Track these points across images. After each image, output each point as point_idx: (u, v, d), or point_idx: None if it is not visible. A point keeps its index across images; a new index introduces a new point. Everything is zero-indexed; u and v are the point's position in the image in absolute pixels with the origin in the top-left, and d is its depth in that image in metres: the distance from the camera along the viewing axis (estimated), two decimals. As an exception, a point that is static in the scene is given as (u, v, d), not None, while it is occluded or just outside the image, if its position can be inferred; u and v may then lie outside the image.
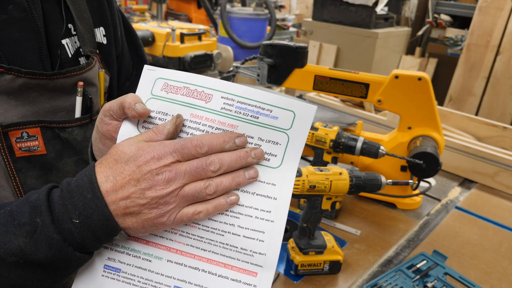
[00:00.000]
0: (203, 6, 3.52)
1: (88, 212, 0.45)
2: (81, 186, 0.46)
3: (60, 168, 0.63)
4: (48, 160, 0.61)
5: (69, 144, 0.63)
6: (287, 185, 0.54)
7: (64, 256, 0.45)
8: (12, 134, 0.57)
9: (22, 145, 0.58)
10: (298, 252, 0.94)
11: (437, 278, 0.92)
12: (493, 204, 1.31)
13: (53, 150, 0.62)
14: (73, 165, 0.65)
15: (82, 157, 0.66)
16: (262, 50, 1.23)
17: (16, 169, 0.58)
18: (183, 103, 0.53)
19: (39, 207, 0.45)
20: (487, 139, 1.60)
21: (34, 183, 0.60)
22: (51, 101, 0.61)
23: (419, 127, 1.16)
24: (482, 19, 2.94)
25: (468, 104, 3.05)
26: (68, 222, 0.45)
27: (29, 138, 0.59)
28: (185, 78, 0.54)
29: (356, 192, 0.93)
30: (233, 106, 0.53)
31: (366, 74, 1.18)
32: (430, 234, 1.13)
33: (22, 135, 0.58)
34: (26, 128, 0.58)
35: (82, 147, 0.65)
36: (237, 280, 0.53)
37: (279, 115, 0.54)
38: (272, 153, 0.55)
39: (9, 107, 0.57)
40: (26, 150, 0.58)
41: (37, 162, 0.60)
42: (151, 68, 0.56)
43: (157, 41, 2.51)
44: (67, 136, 0.63)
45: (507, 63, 2.85)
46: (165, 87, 0.54)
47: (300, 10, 5.46)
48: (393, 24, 3.45)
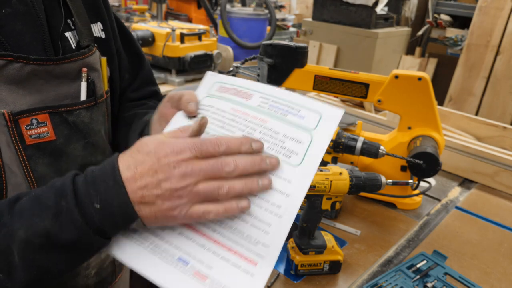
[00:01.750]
0: (203, 6, 3.52)
1: (109, 198, 0.47)
2: (104, 173, 0.48)
3: (69, 153, 0.65)
4: (58, 146, 0.63)
5: (76, 128, 0.65)
6: (302, 184, 0.55)
7: (86, 239, 0.48)
8: (22, 121, 0.59)
9: (32, 132, 0.60)
10: (298, 252, 0.94)
11: (437, 278, 0.92)
12: (493, 204, 1.31)
13: (61, 135, 0.64)
14: (81, 150, 0.67)
15: (89, 140, 0.68)
16: (262, 50, 1.23)
17: (27, 156, 0.60)
18: (229, 100, 0.63)
19: (64, 191, 0.48)
20: (487, 139, 1.60)
21: (45, 170, 0.62)
22: (56, 88, 0.63)
23: (419, 127, 1.16)
24: (482, 19, 2.94)
25: (468, 104, 3.05)
26: (90, 206, 0.47)
27: (39, 124, 0.60)
28: (237, 82, 0.65)
29: (356, 192, 0.93)
30: (267, 104, 0.61)
31: (366, 74, 1.18)
32: (430, 234, 1.13)
33: (32, 122, 0.60)
34: (35, 115, 0.60)
35: (89, 129, 0.68)
36: (237, 265, 0.55)
37: (306, 115, 0.59)
38: (294, 150, 0.57)
39: (18, 96, 0.59)
40: (36, 137, 0.60)
41: (46, 148, 0.62)
42: (213, 74, 0.69)
43: (157, 41, 2.51)
44: (75, 119, 0.65)
45: (507, 63, 2.85)
46: (220, 88, 0.65)
47: (300, 10, 5.46)
48: (393, 24, 3.45)
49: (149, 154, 0.49)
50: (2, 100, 0.58)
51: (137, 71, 0.95)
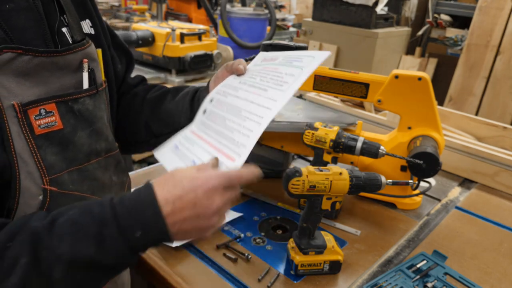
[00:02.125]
0: (203, 6, 3.52)
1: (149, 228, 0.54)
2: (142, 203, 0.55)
3: (75, 142, 0.68)
4: (65, 135, 0.66)
5: (82, 116, 0.68)
6: (282, 100, 0.78)
7: (126, 261, 0.55)
8: (31, 112, 0.61)
9: (41, 122, 0.63)
10: (298, 252, 0.94)
11: (437, 278, 0.92)
12: (493, 204, 1.31)
13: (68, 124, 0.66)
14: (87, 138, 0.70)
15: (93, 128, 0.71)
16: (262, 50, 1.22)
17: (37, 146, 0.62)
18: (263, 64, 0.94)
19: (105, 219, 0.53)
20: (487, 139, 1.60)
21: (54, 159, 0.65)
22: (60, 80, 0.66)
23: (419, 127, 1.16)
24: (482, 19, 2.94)
25: (468, 104, 3.05)
26: (131, 234, 0.53)
27: (47, 114, 0.63)
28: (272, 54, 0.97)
29: (356, 192, 0.93)
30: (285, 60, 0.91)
31: (366, 74, 1.18)
32: (430, 234, 1.12)
33: (40, 111, 0.62)
34: (43, 105, 0.63)
35: (93, 117, 0.71)
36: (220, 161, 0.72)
37: (304, 59, 0.87)
38: (286, 81, 0.83)
39: (25, 88, 0.61)
40: (45, 127, 0.63)
41: (55, 138, 0.65)
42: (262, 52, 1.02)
43: (157, 41, 2.51)
44: (80, 107, 0.68)
45: (507, 63, 2.85)
46: (262, 59, 0.97)
47: (300, 10, 5.46)
48: (393, 24, 3.45)
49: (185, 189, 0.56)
50: (11, 92, 0.60)
51: (127, 63, 1.02)
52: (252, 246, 1.03)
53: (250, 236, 1.07)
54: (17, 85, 0.60)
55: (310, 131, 1.11)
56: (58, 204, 0.64)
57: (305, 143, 1.13)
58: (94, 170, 0.71)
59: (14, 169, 0.60)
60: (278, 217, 1.16)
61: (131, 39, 2.40)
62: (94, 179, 0.71)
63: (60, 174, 0.65)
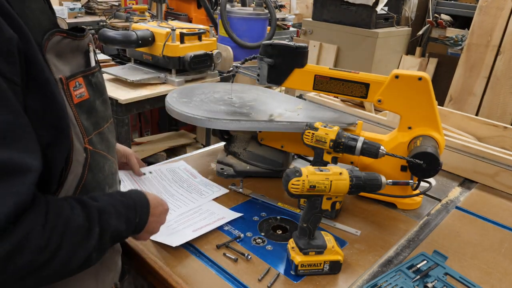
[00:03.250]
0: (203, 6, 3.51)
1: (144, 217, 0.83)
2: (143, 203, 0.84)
3: (96, 108, 0.81)
4: (90, 103, 0.79)
5: (96, 87, 0.82)
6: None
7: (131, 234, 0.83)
8: (71, 84, 0.73)
9: (77, 93, 0.75)
10: (298, 252, 0.93)
11: (437, 278, 0.92)
12: (494, 204, 1.31)
13: (91, 94, 0.79)
14: (101, 105, 0.83)
15: (103, 97, 0.85)
16: (262, 50, 1.22)
17: (77, 112, 0.74)
18: None
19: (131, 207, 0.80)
20: (487, 139, 1.60)
21: (86, 124, 0.76)
22: (76, 59, 0.78)
23: (419, 127, 1.16)
24: (482, 18, 2.94)
25: (468, 104, 3.04)
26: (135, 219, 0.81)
27: (79, 86, 0.76)
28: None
29: (356, 192, 0.92)
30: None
31: (366, 74, 1.18)
32: (430, 234, 1.12)
33: (76, 84, 0.75)
34: (76, 78, 0.75)
35: (103, 88, 0.85)
36: None
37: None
38: None
39: (61, 65, 0.73)
40: (79, 97, 0.75)
41: (84, 106, 0.77)
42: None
43: (157, 41, 2.50)
44: (95, 80, 0.81)
45: (507, 63, 2.85)
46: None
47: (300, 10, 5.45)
48: (393, 24, 3.45)
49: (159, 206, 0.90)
50: (57, 68, 0.71)
51: None
52: (252, 246, 1.03)
53: (250, 236, 1.07)
54: (58, 63, 0.71)
55: (310, 131, 1.11)
56: (94, 160, 0.78)
57: (305, 143, 1.13)
58: (107, 133, 0.85)
59: (69, 131, 0.71)
60: (278, 217, 1.16)
61: (131, 39, 2.40)
62: (107, 140, 0.85)
63: (91, 136, 0.78)
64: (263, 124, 1.23)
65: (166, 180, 1.31)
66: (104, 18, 3.93)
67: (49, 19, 0.70)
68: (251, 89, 1.56)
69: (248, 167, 1.36)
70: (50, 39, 0.69)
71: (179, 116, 1.24)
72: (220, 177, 1.37)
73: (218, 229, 1.08)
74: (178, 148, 3.28)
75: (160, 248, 1.01)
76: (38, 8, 0.69)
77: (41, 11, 0.69)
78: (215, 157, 1.47)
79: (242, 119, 1.21)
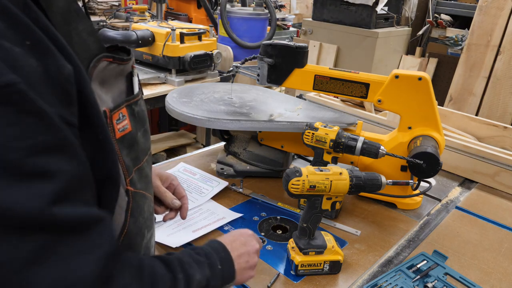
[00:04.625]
0: (203, 6, 3.52)
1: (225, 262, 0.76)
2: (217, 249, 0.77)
3: (138, 141, 0.71)
4: (132, 136, 0.69)
5: (139, 117, 0.72)
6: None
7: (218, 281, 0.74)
8: (114, 117, 0.63)
9: (119, 126, 0.65)
10: (298, 252, 0.93)
11: (437, 278, 0.92)
12: (494, 204, 1.31)
13: (133, 125, 0.69)
14: (142, 137, 0.73)
15: (145, 127, 0.75)
16: (262, 50, 1.22)
17: (119, 149, 0.65)
18: None
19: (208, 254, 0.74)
20: (487, 139, 1.60)
21: (127, 160, 0.67)
22: (117, 86, 0.68)
23: (419, 127, 1.16)
24: (482, 18, 2.94)
25: (468, 104, 3.04)
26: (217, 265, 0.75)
27: (123, 118, 0.66)
28: None
29: (356, 192, 0.92)
30: None
31: (366, 74, 1.18)
32: (430, 234, 1.12)
33: (119, 116, 0.65)
34: (120, 109, 0.65)
35: (145, 117, 0.75)
36: None
37: None
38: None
39: (104, 95, 0.63)
40: (122, 131, 0.65)
41: (126, 140, 0.67)
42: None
43: (157, 41, 2.50)
44: (138, 109, 0.71)
45: (507, 62, 2.85)
46: None
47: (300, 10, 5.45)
48: (393, 24, 3.45)
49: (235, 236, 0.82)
50: (101, 98, 0.61)
51: None
52: (252, 246, 1.03)
53: (250, 236, 1.07)
54: (101, 92, 0.62)
55: (310, 131, 1.11)
56: (135, 203, 0.69)
57: (305, 143, 1.13)
58: (145, 168, 0.75)
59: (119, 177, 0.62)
60: (278, 217, 1.16)
61: (131, 39, 2.40)
62: (146, 176, 0.75)
63: (132, 174, 0.68)
64: (263, 124, 1.23)
65: None
66: (104, 18, 3.93)
67: (97, 42, 0.60)
68: (251, 89, 1.56)
69: (248, 167, 1.36)
70: (96, 66, 0.59)
71: (179, 116, 1.24)
72: (220, 177, 1.37)
73: (218, 229, 1.08)
74: (178, 148, 3.28)
75: (160, 249, 1.01)
76: (86, 29, 0.59)
77: (88, 33, 0.59)
78: (215, 157, 1.47)
79: (242, 119, 1.21)
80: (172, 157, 1.60)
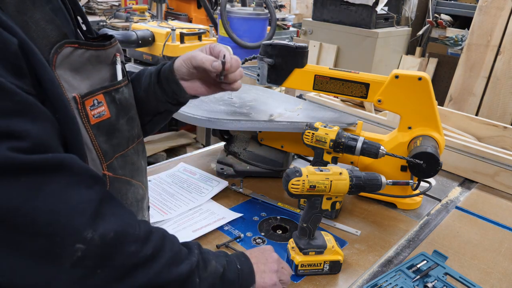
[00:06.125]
0: (203, 6, 3.51)
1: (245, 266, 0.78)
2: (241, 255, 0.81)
3: (119, 129, 0.73)
4: (112, 123, 0.71)
5: (121, 105, 0.74)
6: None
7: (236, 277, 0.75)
8: (87, 102, 0.66)
9: (95, 112, 0.67)
10: (298, 252, 0.93)
11: (437, 278, 0.92)
12: (494, 204, 1.31)
13: (113, 112, 0.71)
14: (126, 125, 0.75)
15: (130, 115, 0.77)
16: (262, 50, 1.22)
17: (94, 135, 0.68)
18: None
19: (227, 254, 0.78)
20: (487, 139, 1.60)
21: (106, 146, 0.70)
22: (99, 73, 0.71)
23: (419, 127, 1.16)
24: (482, 19, 2.94)
25: (468, 104, 3.04)
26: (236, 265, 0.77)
27: (98, 104, 0.68)
28: None
29: (356, 192, 0.92)
30: None
31: (366, 74, 1.18)
32: (431, 234, 1.12)
33: (94, 102, 0.67)
34: (95, 96, 0.68)
35: (129, 105, 0.77)
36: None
37: None
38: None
39: (78, 81, 0.66)
40: (97, 117, 0.68)
41: (104, 126, 0.70)
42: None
43: (157, 41, 2.51)
44: (120, 96, 0.73)
45: (507, 63, 2.85)
46: None
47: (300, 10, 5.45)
48: (393, 24, 3.45)
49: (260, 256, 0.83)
50: (71, 85, 0.64)
51: None
52: (252, 246, 1.03)
53: (250, 236, 1.07)
54: (73, 79, 0.65)
55: (310, 131, 1.11)
56: (114, 188, 0.71)
57: (305, 143, 1.13)
58: (131, 155, 0.77)
59: (85, 156, 0.65)
60: (278, 217, 1.16)
61: (131, 39, 2.40)
62: (132, 163, 0.77)
63: (111, 160, 0.71)
64: (263, 124, 1.23)
65: (166, 184, 1.31)
66: (104, 18, 3.93)
67: (57, 30, 0.62)
68: (251, 89, 1.56)
69: (248, 167, 1.36)
70: (58, 52, 0.61)
71: (179, 116, 1.24)
72: (220, 177, 1.37)
73: (218, 229, 1.08)
74: (178, 148, 3.28)
75: (160, 248, 1.01)
76: (43, 18, 0.61)
77: (46, 21, 0.61)
78: (215, 157, 1.47)
79: (242, 119, 1.21)
80: (172, 157, 1.60)
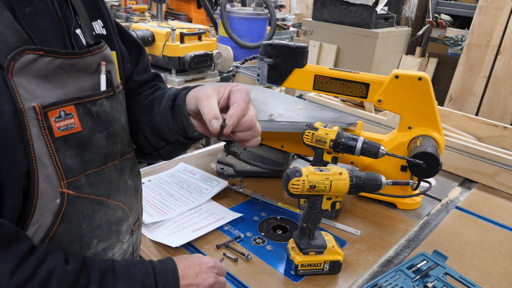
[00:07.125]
0: (203, 6, 3.52)
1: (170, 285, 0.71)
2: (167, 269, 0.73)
3: (93, 144, 0.68)
4: (84, 137, 0.66)
5: (99, 118, 0.69)
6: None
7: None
8: (51, 114, 0.61)
9: (60, 124, 0.62)
10: (298, 252, 0.93)
11: (437, 278, 0.92)
12: (493, 204, 1.31)
13: (86, 126, 0.66)
14: (104, 140, 0.70)
15: (110, 130, 0.71)
16: (262, 50, 1.22)
17: (56, 148, 0.62)
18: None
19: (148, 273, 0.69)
20: (487, 139, 1.60)
21: (72, 162, 0.65)
22: (77, 82, 0.66)
23: (419, 127, 1.16)
24: (482, 18, 2.94)
25: (468, 104, 3.04)
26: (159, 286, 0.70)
27: (66, 116, 0.63)
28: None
29: (356, 192, 0.92)
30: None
31: (366, 74, 1.18)
32: (430, 234, 1.12)
33: (60, 114, 0.62)
34: (62, 107, 0.63)
35: (110, 118, 0.71)
36: None
37: None
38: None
39: (45, 90, 0.61)
40: (64, 129, 0.63)
41: (73, 140, 0.64)
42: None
43: (157, 41, 2.51)
44: (98, 109, 0.68)
45: (507, 63, 2.85)
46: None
47: (300, 10, 5.46)
48: (393, 24, 3.45)
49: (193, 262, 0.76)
50: (32, 94, 0.59)
51: (138, 56, 0.98)
52: (252, 246, 1.03)
53: (250, 236, 1.07)
54: (37, 87, 0.60)
55: (310, 131, 1.11)
56: (74, 208, 0.65)
57: (305, 143, 1.13)
58: (110, 173, 0.72)
59: (33, 172, 0.60)
60: (278, 217, 1.16)
61: (131, 39, 2.40)
62: (110, 182, 0.72)
63: (78, 177, 0.66)
64: (263, 124, 1.23)
65: (166, 184, 1.31)
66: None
67: (18, 35, 0.58)
68: (251, 89, 1.56)
69: (248, 167, 1.36)
70: (17, 58, 0.57)
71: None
72: (220, 177, 1.37)
73: (218, 229, 1.08)
74: (178, 148, 3.28)
75: (160, 249, 1.01)
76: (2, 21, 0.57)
77: (6, 25, 0.57)
78: (215, 157, 1.47)
79: (242, 119, 1.21)
80: (172, 157, 1.60)
